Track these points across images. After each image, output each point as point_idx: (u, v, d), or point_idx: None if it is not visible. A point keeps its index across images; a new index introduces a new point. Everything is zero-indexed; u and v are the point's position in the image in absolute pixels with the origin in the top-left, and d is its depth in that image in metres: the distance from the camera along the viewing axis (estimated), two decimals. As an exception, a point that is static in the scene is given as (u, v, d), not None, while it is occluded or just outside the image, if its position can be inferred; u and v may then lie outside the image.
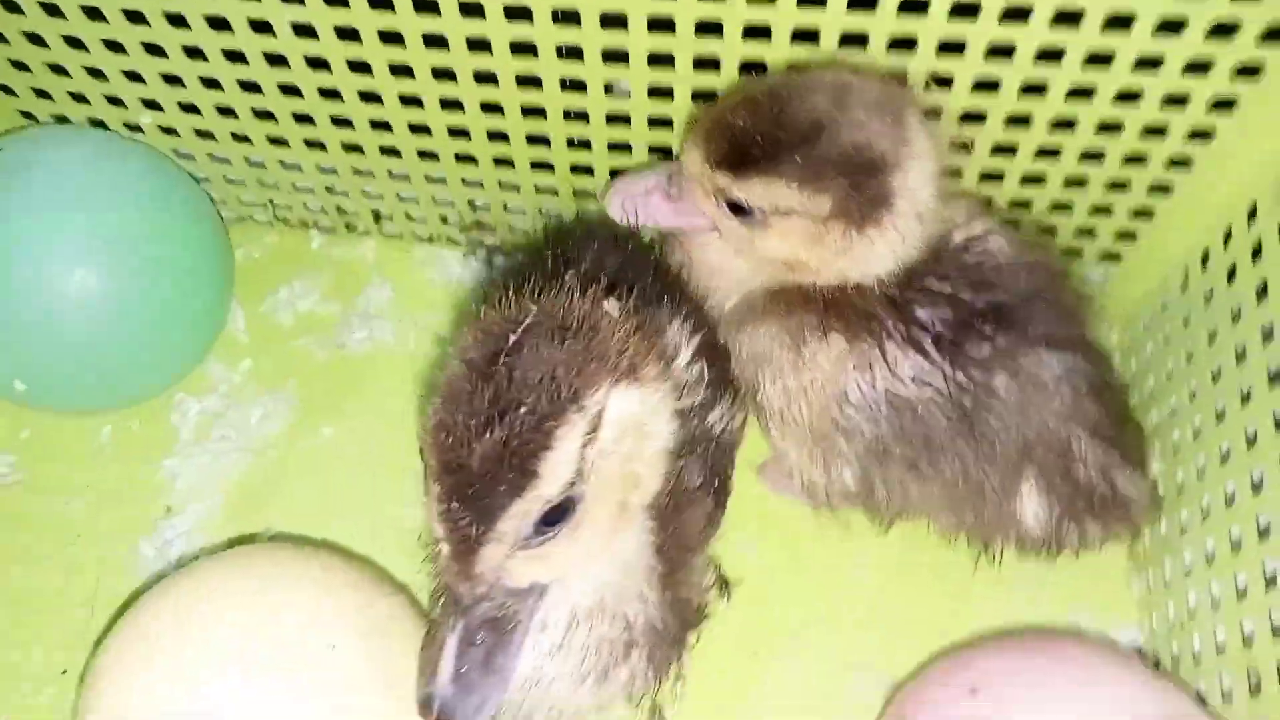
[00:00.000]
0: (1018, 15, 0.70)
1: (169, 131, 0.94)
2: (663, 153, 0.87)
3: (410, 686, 0.66)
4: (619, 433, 0.56)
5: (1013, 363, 0.71)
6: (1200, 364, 0.84)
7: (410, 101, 0.85)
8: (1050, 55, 0.73)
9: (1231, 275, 0.81)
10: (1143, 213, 0.89)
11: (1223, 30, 0.70)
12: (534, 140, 0.88)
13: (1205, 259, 0.85)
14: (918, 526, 0.86)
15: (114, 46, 0.84)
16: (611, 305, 0.59)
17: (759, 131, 0.67)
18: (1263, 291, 0.76)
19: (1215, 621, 0.77)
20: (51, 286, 0.83)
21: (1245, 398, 0.77)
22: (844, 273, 0.72)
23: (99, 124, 0.94)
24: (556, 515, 0.55)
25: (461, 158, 0.92)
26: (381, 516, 0.93)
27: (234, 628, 0.67)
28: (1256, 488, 0.74)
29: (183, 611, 0.69)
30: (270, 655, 0.66)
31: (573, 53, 0.77)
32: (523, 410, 0.53)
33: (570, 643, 0.64)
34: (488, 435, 0.53)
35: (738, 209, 0.71)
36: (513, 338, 0.56)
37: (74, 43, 0.84)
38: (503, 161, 0.91)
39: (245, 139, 0.93)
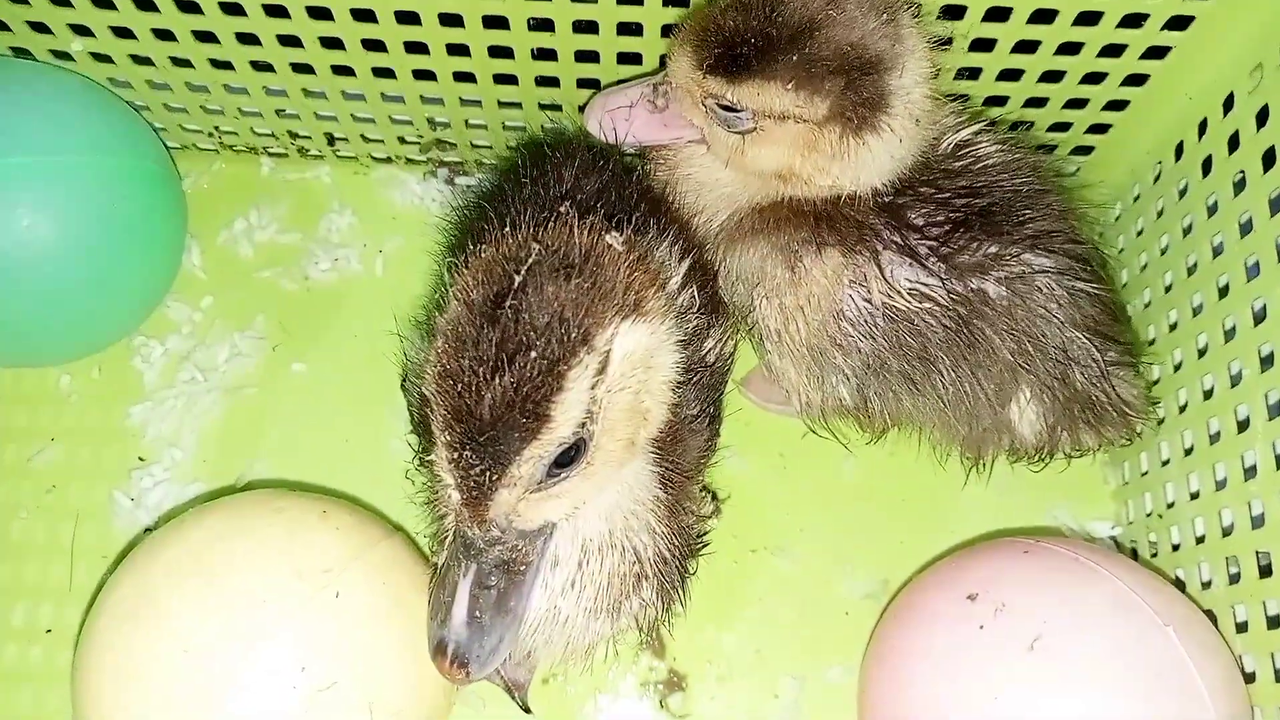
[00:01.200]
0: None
1: (102, 59, 0.88)
2: (632, 60, 0.83)
3: (417, 629, 0.66)
4: (627, 368, 0.55)
5: (1005, 267, 0.71)
6: (1176, 256, 0.84)
7: (363, 16, 0.80)
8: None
9: (1207, 167, 0.81)
10: (1117, 104, 0.88)
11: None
12: (497, 52, 0.84)
13: (1179, 151, 0.85)
14: (902, 435, 0.87)
15: (35, -34, 0.78)
16: (614, 238, 0.57)
17: (752, 33, 0.65)
18: (1240, 184, 0.76)
19: (1194, 513, 0.79)
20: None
21: (1223, 291, 0.78)
22: (838, 182, 0.70)
23: (23, 53, 0.88)
24: (569, 456, 0.54)
25: (420, 74, 0.87)
26: (364, 452, 0.92)
27: (234, 580, 0.66)
28: (1235, 380, 0.75)
29: (179, 566, 0.67)
30: (274, 606, 0.65)
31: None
32: (533, 354, 0.51)
33: (582, 578, 0.64)
34: (497, 381, 0.51)
35: (730, 116, 0.68)
36: (517, 279, 0.53)
37: (-10, -37, 0.78)
38: (464, 76, 0.87)
39: (186, 63, 0.87)
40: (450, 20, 0.80)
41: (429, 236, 0.95)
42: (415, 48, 0.83)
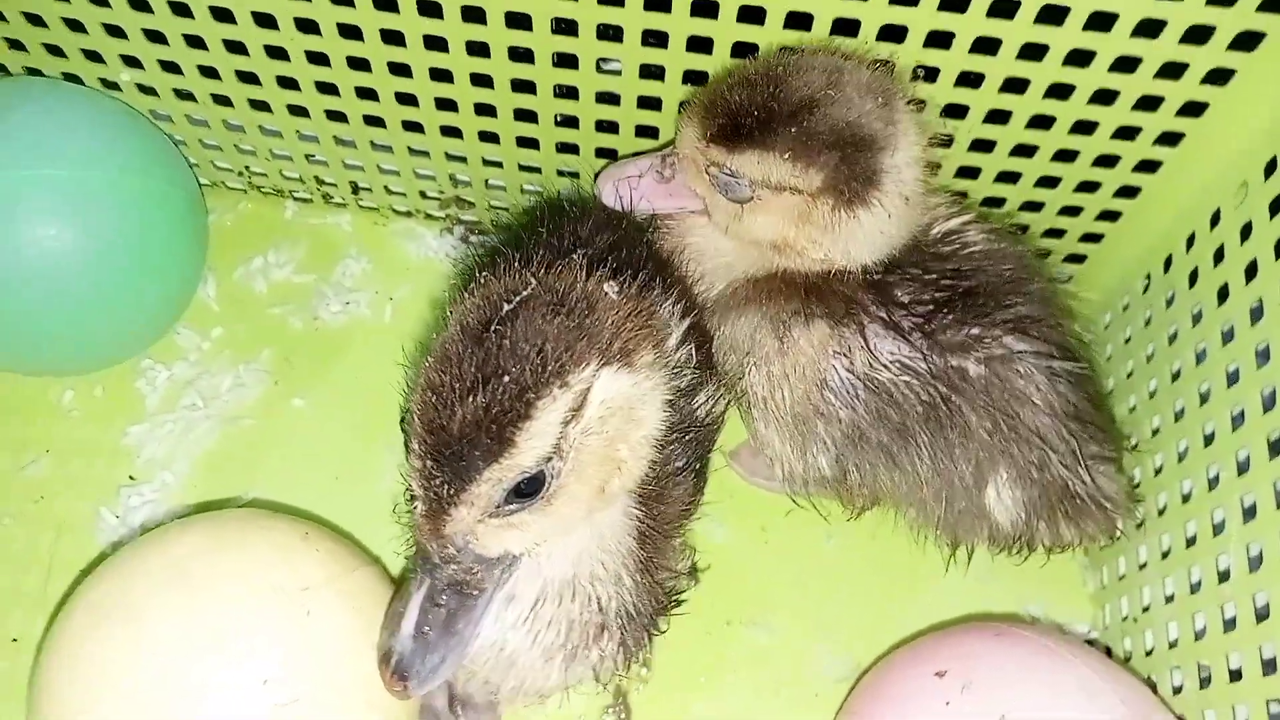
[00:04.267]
0: (1003, 12, 0.72)
1: (147, 91, 0.93)
2: (650, 133, 0.88)
3: None
4: (605, 414, 0.57)
5: (986, 347, 0.73)
6: (1160, 363, 0.86)
7: (399, 70, 0.85)
8: (1031, 53, 0.76)
9: (1194, 278, 0.84)
10: (1110, 214, 0.91)
11: (1197, 34, 0.72)
12: (522, 116, 0.88)
13: (1168, 263, 0.88)
14: (885, 514, 0.88)
15: (96, -1, 0.83)
16: (611, 287, 0.59)
17: (754, 106, 0.69)
18: (1224, 294, 0.79)
19: (1168, 617, 0.79)
20: (18, 242, 0.81)
21: (1204, 397, 0.79)
22: (830, 255, 0.74)
23: (74, 79, 0.93)
24: (530, 487, 0.56)
25: (447, 130, 0.91)
26: (354, 490, 0.92)
27: (211, 590, 0.66)
28: (1213, 484, 0.77)
29: (158, 572, 0.67)
30: (248, 619, 0.65)
31: (568, 28, 0.78)
32: (506, 379, 0.53)
33: (537, 618, 0.64)
34: (471, 400, 0.53)
35: (730, 183, 0.72)
36: (507, 307, 0.56)
37: (53, -7, 0.83)
38: (488, 136, 0.91)
39: (226, 101, 0.92)
40: (481, 80, 0.85)
41: (439, 288, 0.98)
42: (444, 104, 0.88)
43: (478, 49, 0.81)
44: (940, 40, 0.75)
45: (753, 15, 0.75)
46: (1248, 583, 0.70)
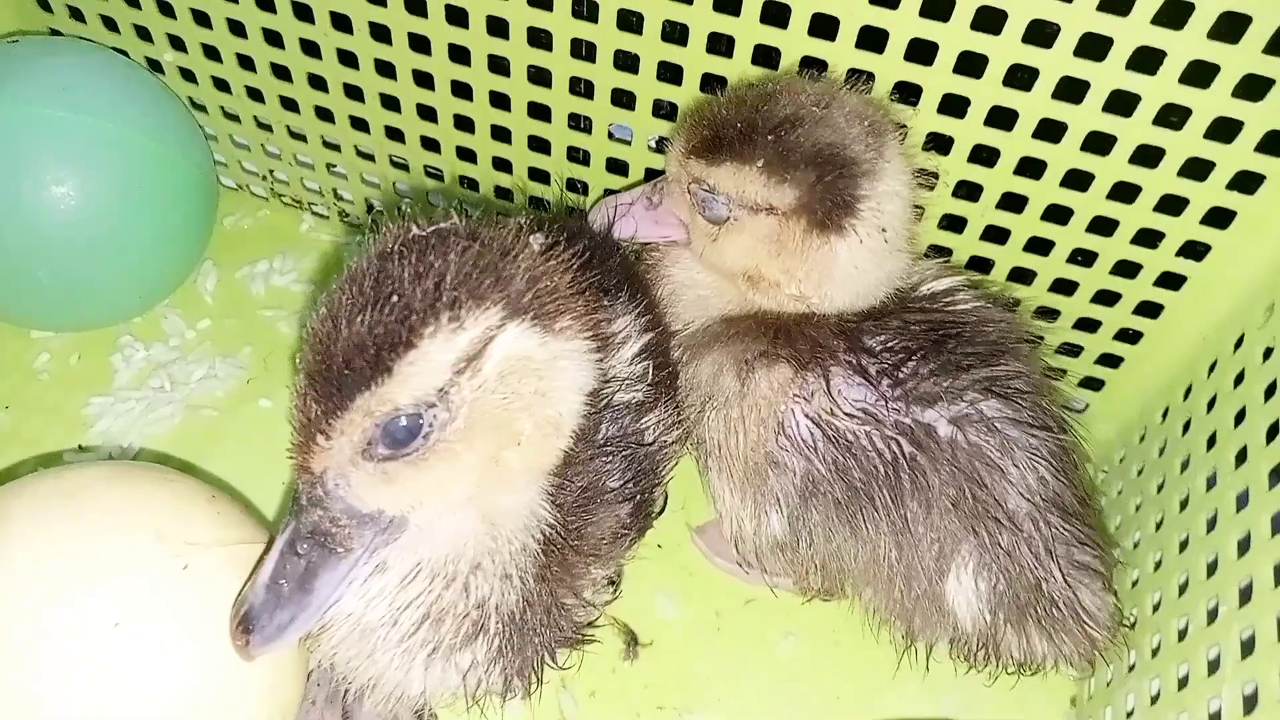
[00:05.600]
0: (1021, 83, 0.70)
1: (188, 77, 0.96)
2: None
3: None
4: (506, 372, 0.52)
5: (959, 406, 0.67)
6: (1170, 492, 0.79)
7: (422, 80, 0.86)
8: (1048, 133, 0.73)
9: (1211, 404, 0.78)
10: (1129, 335, 0.86)
11: (1224, 131, 0.69)
12: (535, 144, 0.88)
13: (1188, 391, 0.82)
14: (846, 610, 0.80)
15: (152, -26, 0.87)
16: (537, 239, 0.56)
17: (738, 120, 0.67)
18: (1240, 417, 0.72)
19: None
20: (18, 180, 0.82)
21: (1211, 524, 0.72)
22: (804, 290, 0.69)
23: (121, 54, 0.96)
24: (408, 434, 0.51)
25: (463, 154, 0.92)
26: (294, 493, 0.88)
27: (94, 524, 0.61)
28: (1211, 616, 0.68)
29: (32, 504, 0.62)
30: (109, 559, 0.60)
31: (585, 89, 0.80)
32: (395, 300, 0.50)
33: (402, 593, 0.58)
34: (358, 318, 0.50)
35: (708, 199, 0.69)
36: (417, 232, 0.53)
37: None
38: (502, 164, 0.92)
39: (258, 96, 0.94)
40: (499, 101, 0.85)
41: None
42: (463, 123, 0.89)
43: (498, 65, 0.82)
44: (955, 107, 0.74)
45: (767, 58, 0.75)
46: (1239, 726, 0.61)
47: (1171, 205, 0.75)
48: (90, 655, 0.57)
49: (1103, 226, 0.78)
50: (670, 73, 0.78)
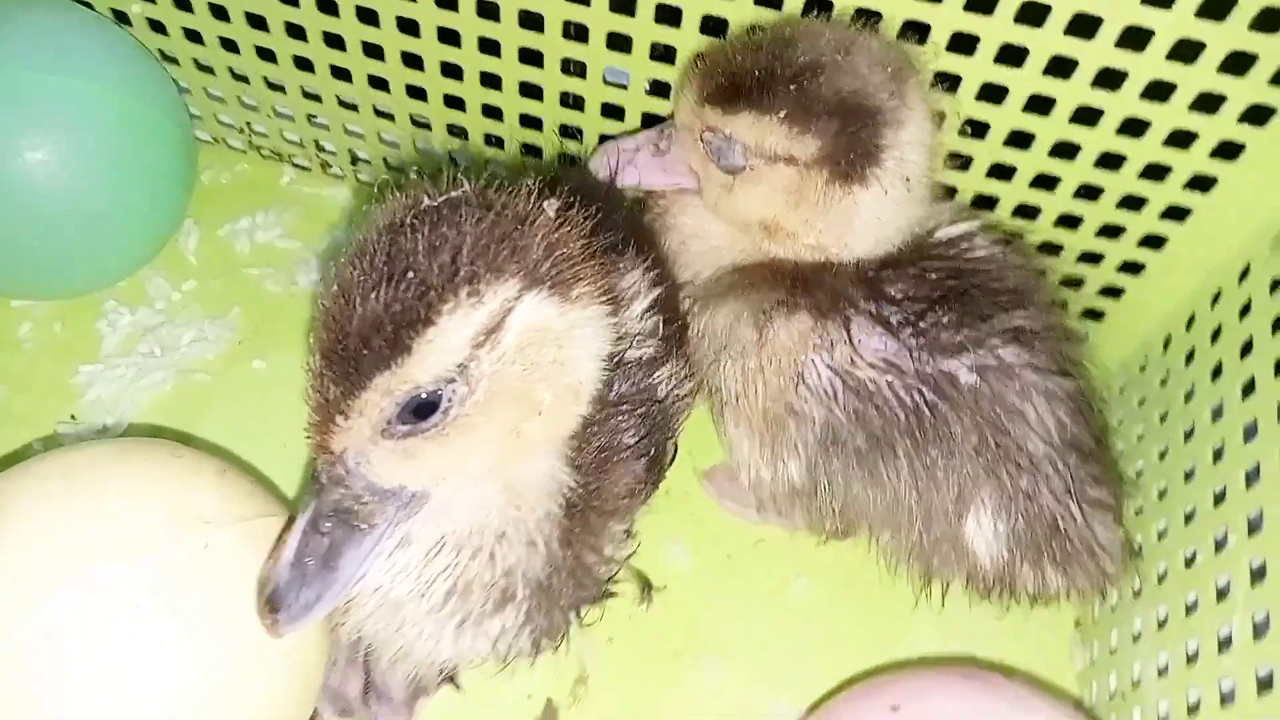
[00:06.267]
0: (1032, 19, 0.69)
1: (157, 29, 0.91)
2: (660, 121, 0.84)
3: None
4: (525, 343, 0.51)
5: (980, 355, 0.67)
6: (1174, 423, 0.80)
7: (406, 28, 0.82)
8: (1059, 68, 0.72)
9: (1216, 335, 0.78)
10: (1132, 266, 0.86)
11: (1236, 64, 0.68)
12: (527, 91, 0.85)
13: (1190, 321, 0.83)
14: (859, 550, 0.81)
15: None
16: (550, 204, 0.54)
17: (755, 68, 0.65)
18: (1246, 348, 0.73)
19: (1160, 693, 0.71)
20: (2, 153, 0.78)
21: (1218, 455, 0.73)
22: (823, 241, 0.68)
23: (86, 5, 0.91)
24: (428, 409, 0.50)
25: (450, 101, 0.89)
26: (299, 458, 0.87)
27: (104, 505, 0.60)
28: (1219, 545, 0.70)
29: (36, 486, 0.61)
30: (127, 541, 0.59)
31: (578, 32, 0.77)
32: (411, 276, 0.48)
33: (429, 566, 0.58)
34: (372, 296, 0.48)
35: (723, 148, 0.67)
36: (429, 203, 0.51)
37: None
38: (491, 111, 0.88)
39: (233, 46, 0.90)
40: (488, 47, 0.82)
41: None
42: (449, 70, 0.85)
43: (487, 10, 0.79)
44: (964, 45, 0.72)
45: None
46: (1250, 652, 0.63)
47: (1180, 139, 0.74)
48: (110, 638, 0.57)
49: (1110, 161, 0.77)
50: (669, 15, 0.75)
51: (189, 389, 0.91)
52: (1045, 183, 0.81)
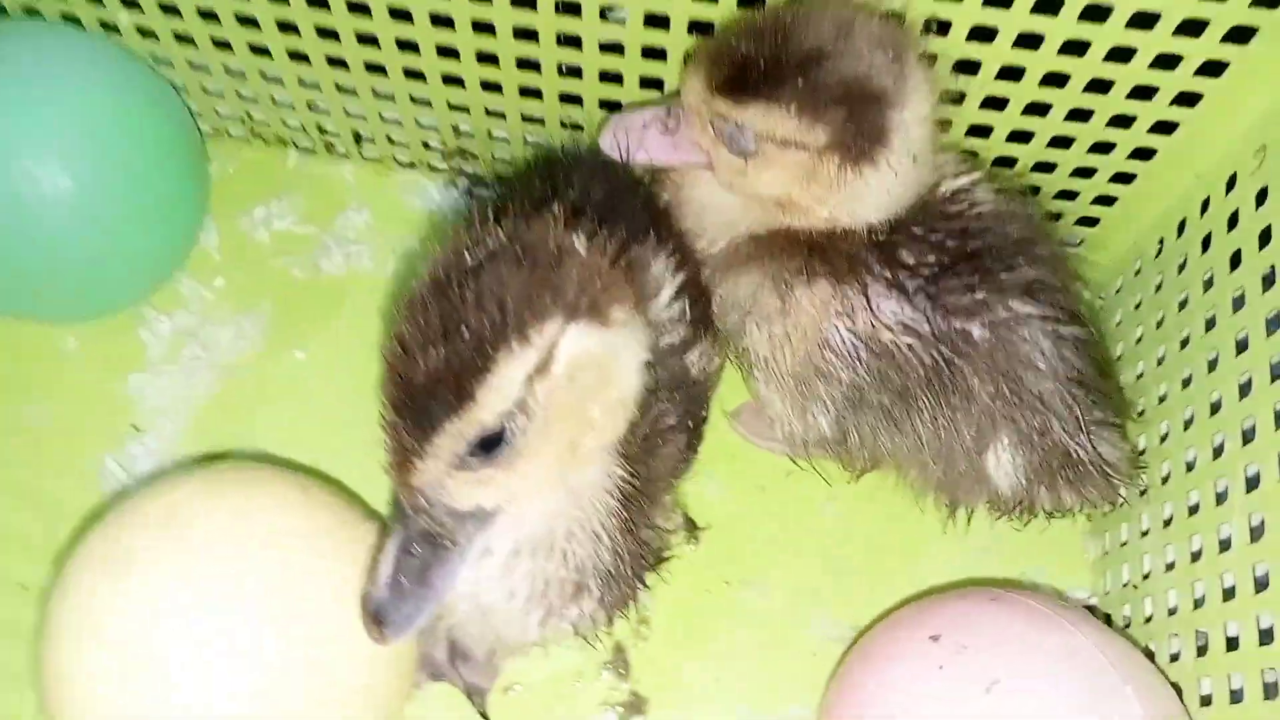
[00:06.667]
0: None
1: (147, 35, 0.91)
2: (655, 85, 0.86)
3: None
4: (573, 371, 0.56)
5: (992, 312, 0.72)
6: (1170, 331, 0.85)
7: (400, 15, 0.83)
8: (1046, 6, 0.73)
9: (1206, 244, 0.82)
10: (1124, 177, 0.89)
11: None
12: (524, 65, 0.86)
13: (1181, 227, 0.86)
14: (885, 478, 0.88)
15: (93, -61, 0.81)
16: (579, 241, 0.58)
17: (761, 57, 0.67)
18: (1236, 260, 0.77)
19: (1168, 585, 0.79)
20: (22, 186, 0.81)
21: (1212, 365, 0.78)
22: (835, 214, 0.72)
23: (73, 21, 0.91)
24: (495, 443, 0.56)
25: (449, 79, 0.90)
26: (352, 441, 0.90)
27: (207, 540, 0.66)
28: (1217, 452, 0.76)
29: (145, 528, 0.67)
30: (242, 569, 0.65)
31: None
32: (466, 333, 0.53)
33: (511, 572, 0.64)
34: (432, 352, 0.54)
35: (734, 135, 0.70)
36: (472, 260, 0.56)
37: (50, -67, 0.82)
38: (491, 86, 0.90)
39: (226, 46, 0.90)
40: (482, 28, 0.83)
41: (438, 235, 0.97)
42: (446, 52, 0.86)
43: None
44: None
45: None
46: (1248, 553, 0.70)
47: (1166, 62, 0.77)
48: (231, 669, 0.64)
49: (1100, 86, 0.80)
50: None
51: (237, 386, 0.95)
52: (1038, 109, 0.83)
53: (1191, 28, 0.73)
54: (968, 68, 0.80)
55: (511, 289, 0.54)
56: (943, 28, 0.76)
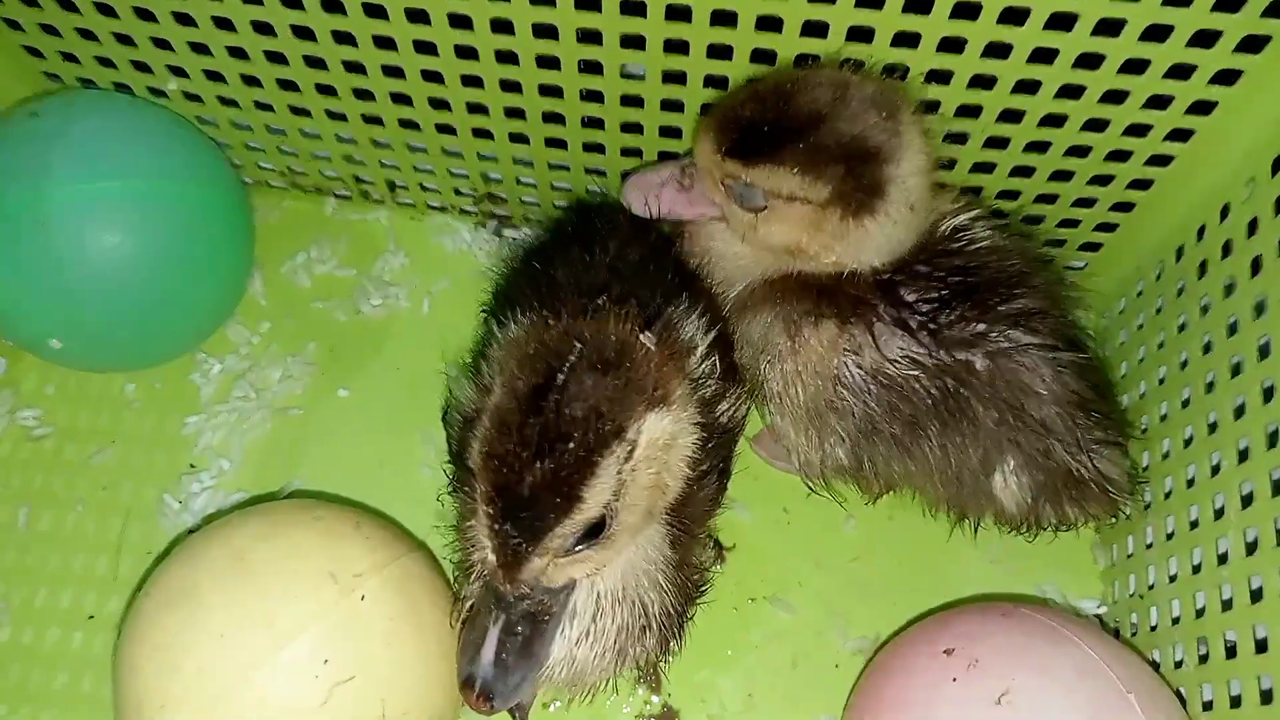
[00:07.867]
0: (1014, 18, 0.74)
1: (193, 99, 0.97)
2: (673, 134, 0.91)
3: (431, 637, 0.74)
4: (651, 451, 0.62)
5: (992, 344, 0.77)
6: (1170, 352, 0.89)
7: (431, 77, 0.88)
8: (1042, 56, 0.78)
9: (1203, 270, 0.86)
10: (1124, 206, 0.93)
11: (1204, 38, 0.74)
12: (549, 118, 0.92)
13: (1180, 253, 0.91)
14: (902, 498, 0.92)
15: (144, 14, 0.87)
16: (648, 339, 0.64)
17: (765, 122, 0.73)
18: (1230, 288, 0.81)
19: (1171, 595, 0.83)
20: (88, 250, 0.86)
21: (1209, 386, 0.82)
22: (841, 259, 0.77)
23: (123, 88, 0.97)
24: (595, 530, 0.62)
25: (479, 133, 0.95)
26: (396, 476, 0.98)
27: (270, 577, 0.72)
28: (1215, 470, 0.80)
29: (220, 561, 0.73)
30: (305, 604, 0.71)
31: (591, 36, 0.81)
32: (570, 444, 0.58)
33: (595, 629, 0.70)
34: (538, 465, 0.58)
35: (744, 194, 0.76)
36: (560, 377, 0.60)
37: (105, 9, 0.87)
38: (518, 138, 0.95)
39: (268, 108, 0.96)
40: (509, 86, 0.88)
41: (475, 281, 1.03)
42: (475, 109, 0.92)
43: (506, 57, 0.84)
44: (953, 45, 0.78)
45: (770, 24, 0.78)
46: (1243, 566, 0.74)
47: (1158, 102, 0.81)
48: (304, 703, 0.69)
49: (1096, 125, 0.84)
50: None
51: (287, 425, 1.01)
52: (1039, 147, 0.88)
53: (1181, 71, 0.78)
54: (970, 111, 0.84)
55: (604, 397, 0.60)
56: (944, 78, 0.81)
